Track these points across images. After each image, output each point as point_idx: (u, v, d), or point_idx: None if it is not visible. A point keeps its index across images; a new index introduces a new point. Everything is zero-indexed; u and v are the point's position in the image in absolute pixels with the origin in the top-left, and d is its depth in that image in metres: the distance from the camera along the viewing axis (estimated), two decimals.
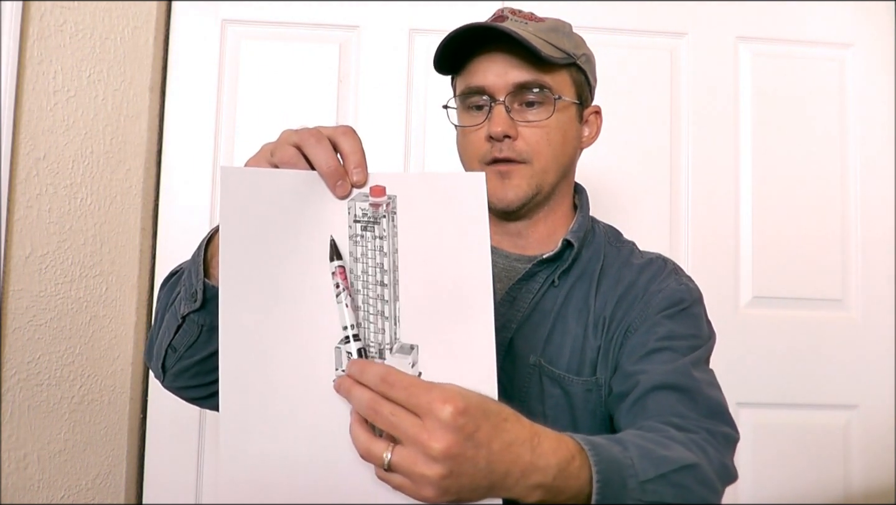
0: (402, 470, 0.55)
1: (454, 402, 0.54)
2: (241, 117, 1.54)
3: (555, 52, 0.85)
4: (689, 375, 0.79)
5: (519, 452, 0.57)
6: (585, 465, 0.60)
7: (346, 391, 0.59)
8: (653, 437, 0.69)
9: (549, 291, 0.89)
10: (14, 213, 1.30)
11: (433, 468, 0.54)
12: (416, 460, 0.54)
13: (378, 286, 0.66)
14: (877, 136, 1.64)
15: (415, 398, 0.55)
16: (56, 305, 1.36)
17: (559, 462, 0.58)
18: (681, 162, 1.61)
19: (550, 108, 0.86)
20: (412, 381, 0.56)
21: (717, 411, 0.78)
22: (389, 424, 0.55)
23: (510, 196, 0.86)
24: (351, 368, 0.60)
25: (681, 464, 0.67)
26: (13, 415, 1.31)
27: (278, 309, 0.65)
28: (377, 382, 0.57)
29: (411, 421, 0.55)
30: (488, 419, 0.56)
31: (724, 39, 1.63)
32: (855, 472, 1.58)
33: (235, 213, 0.65)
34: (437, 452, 0.53)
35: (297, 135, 0.66)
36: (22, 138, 1.31)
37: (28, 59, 1.32)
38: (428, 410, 0.54)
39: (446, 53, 0.87)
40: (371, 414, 0.57)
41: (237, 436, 0.65)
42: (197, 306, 0.74)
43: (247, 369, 0.65)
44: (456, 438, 0.53)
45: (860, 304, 1.61)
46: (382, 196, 0.66)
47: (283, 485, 0.65)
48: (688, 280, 0.91)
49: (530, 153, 0.86)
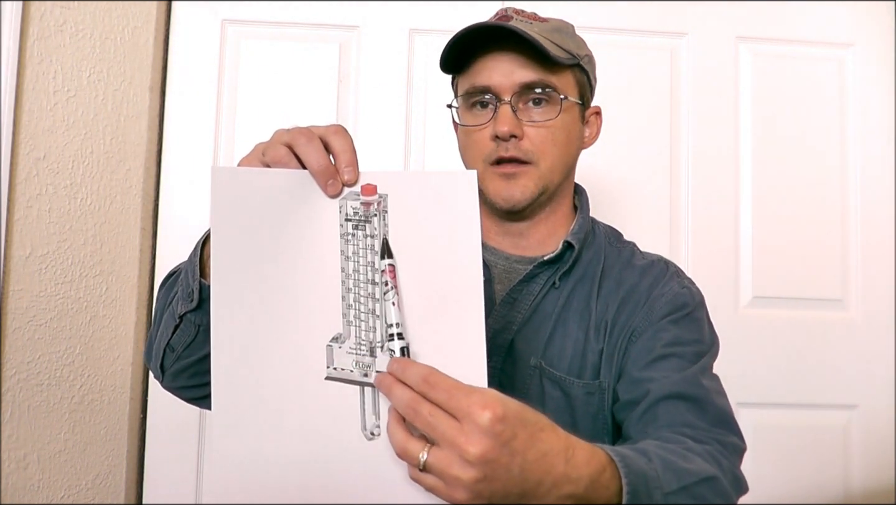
0: (437, 471, 0.55)
1: (493, 408, 0.54)
2: (241, 117, 1.54)
3: (560, 52, 0.85)
4: (699, 383, 0.80)
5: (553, 462, 0.57)
6: (615, 476, 0.61)
7: (387, 388, 0.59)
8: (674, 448, 0.70)
9: (550, 293, 0.89)
10: (14, 213, 1.30)
11: (468, 471, 0.54)
12: (452, 463, 0.54)
13: (369, 284, 0.66)
14: (877, 136, 1.64)
15: (455, 401, 0.55)
16: (56, 305, 1.36)
17: (591, 474, 0.59)
18: (681, 162, 1.61)
19: (556, 108, 0.86)
20: (454, 383, 0.56)
21: (726, 420, 0.78)
22: (427, 424, 0.55)
23: (517, 196, 0.86)
24: (392, 366, 0.60)
25: (701, 476, 0.68)
26: (13, 415, 1.31)
27: (270, 307, 0.66)
28: (419, 381, 0.57)
29: (449, 423, 0.55)
30: (525, 428, 0.56)
31: (724, 39, 1.63)
32: (855, 472, 1.58)
33: (226, 212, 0.65)
34: (472, 456, 0.53)
35: (289, 134, 0.66)
36: (22, 138, 1.31)
37: (28, 59, 1.32)
38: (467, 414, 0.54)
39: (453, 53, 0.87)
40: (410, 413, 0.57)
41: (228, 434, 0.65)
42: (193, 306, 0.75)
43: (238, 368, 0.65)
44: (492, 444, 0.53)
45: (860, 304, 1.61)
46: (373, 195, 0.66)
47: (274, 483, 0.65)
48: (689, 283, 0.91)
49: (536, 153, 0.86)
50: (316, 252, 0.66)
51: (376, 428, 0.65)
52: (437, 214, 0.66)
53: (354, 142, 0.69)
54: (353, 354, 0.66)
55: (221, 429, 0.65)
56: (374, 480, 0.64)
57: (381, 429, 0.64)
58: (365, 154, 1.80)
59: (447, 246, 0.66)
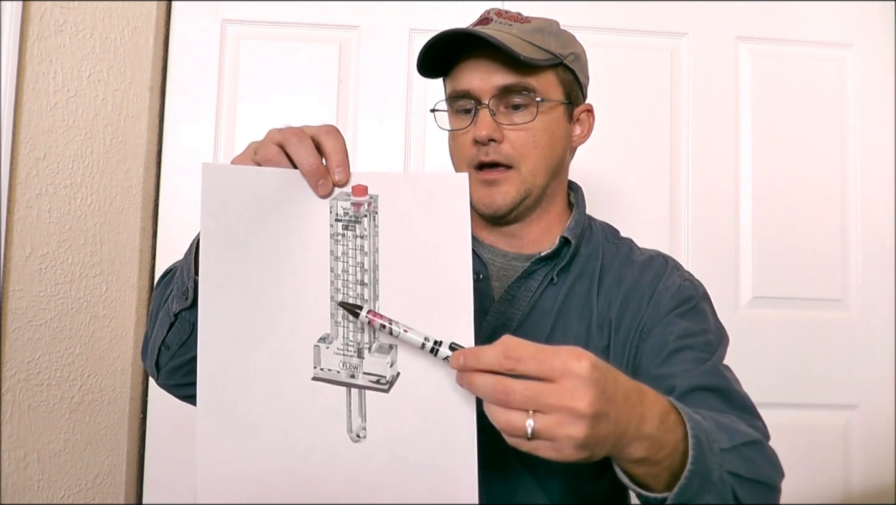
0: (546, 435, 0.54)
1: (587, 356, 0.54)
2: (241, 117, 1.54)
3: (538, 53, 0.85)
4: (720, 374, 0.80)
5: (633, 402, 0.57)
6: (679, 422, 0.61)
7: (469, 384, 0.58)
8: (716, 414, 0.70)
9: (549, 290, 0.89)
10: (14, 213, 1.30)
11: (580, 428, 0.53)
12: (562, 423, 0.53)
13: (358, 285, 0.66)
14: (877, 136, 1.64)
15: (547, 364, 0.54)
16: (56, 305, 1.36)
17: (660, 413, 0.59)
18: (681, 162, 1.61)
19: (534, 111, 0.86)
20: (535, 348, 0.55)
21: (750, 407, 0.79)
22: (526, 399, 0.54)
23: (498, 202, 0.86)
24: (462, 361, 0.58)
25: (751, 438, 0.69)
26: (13, 415, 1.31)
27: (257, 307, 0.65)
28: (501, 360, 0.55)
29: (548, 388, 0.54)
30: (610, 372, 0.56)
31: (724, 39, 1.63)
32: (855, 472, 1.58)
33: (216, 210, 0.65)
34: (584, 410, 0.53)
35: (281, 134, 0.66)
36: (22, 138, 1.31)
37: (28, 59, 1.32)
38: (564, 371, 0.53)
39: (429, 58, 0.87)
40: (502, 397, 0.55)
41: (214, 434, 0.65)
42: (188, 304, 0.75)
43: (225, 366, 0.65)
44: (596, 393, 0.53)
45: (860, 304, 1.61)
46: (364, 195, 0.66)
47: (259, 484, 0.65)
48: (690, 276, 0.92)
49: (516, 157, 0.86)
50: (305, 251, 0.66)
51: (362, 430, 0.65)
52: (428, 216, 0.66)
53: (350, 142, 0.69)
54: (341, 355, 0.66)
55: (207, 427, 0.65)
56: (359, 481, 0.64)
57: (367, 431, 0.64)
58: (365, 154, 1.80)
59: (437, 247, 0.66)
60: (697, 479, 0.60)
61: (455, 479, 0.64)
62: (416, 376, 0.65)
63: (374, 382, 0.65)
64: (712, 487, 0.62)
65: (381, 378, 0.65)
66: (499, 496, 0.84)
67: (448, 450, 0.64)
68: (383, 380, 0.65)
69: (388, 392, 0.65)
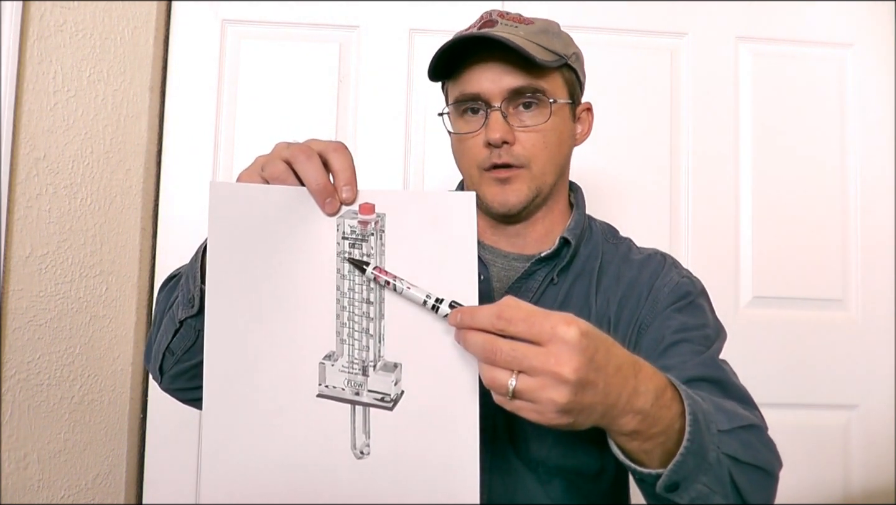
0: (529, 396, 0.54)
1: (577, 323, 0.54)
2: (241, 117, 1.54)
3: (547, 55, 0.85)
4: (718, 366, 0.81)
5: (626, 374, 0.57)
6: (676, 399, 0.61)
7: (464, 341, 0.59)
8: (714, 398, 0.70)
9: (549, 290, 0.89)
10: (14, 213, 1.30)
11: (562, 392, 0.53)
12: (545, 386, 0.54)
13: (364, 304, 0.66)
14: (877, 136, 1.64)
15: (537, 326, 0.54)
16: (56, 305, 1.36)
17: (656, 389, 0.59)
18: (681, 162, 1.61)
19: (547, 112, 0.86)
20: (529, 309, 0.56)
21: (747, 399, 0.79)
22: (511, 358, 0.55)
23: (512, 200, 0.87)
24: (458, 318, 0.59)
25: (749, 422, 0.69)
26: (13, 415, 1.31)
27: (264, 323, 0.65)
28: (493, 321, 0.56)
29: (534, 350, 0.54)
30: (603, 342, 0.56)
31: (724, 39, 1.63)
32: (855, 472, 1.58)
33: (223, 227, 0.65)
34: (567, 376, 0.53)
35: (288, 150, 0.66)
36: (22, 138, 1.31)
37: (28, 59, 1.32)
38: (552, 335, 0.54)
39: (440, 63, 0.87)
40: (489, 355, 0.56)
41: (218, 450, 0.65)
42: (194, 312, 0.75)
43: (230, 382, 0.65)
44: (582, 360, 0.53)
45: (860, 304, 1.61)
46: (371, 214, 0.66)
47: (262, 498, 0.65)
48: (688, 273, 0.93)
49: (528, 157, 0.86)
50: (312, 269, 0.66)
51: (366, 447, 0.65)
52: (434, 235, 0.66)
53: (351, 143, 0.69)
54: (346, 373, 0.66)
55: (212, 441, 0.65)
56: (362, 498, 0.64)
57: (371, 448, 0.65)
58: (364, 155, 1.81)
59: (443, 267, 0.66)
60: (693, 457, 0.60)
61: (457, 481, 0.65)
62: (420, 395, 0.65)
63: (379, 399, 0.66)
64: (708, 468, 0.62)
65: (386, 396, 0.66)
66: (500, 496, 0.84)
67: (451, 468, 0.65)
68: (388, 398, 0.66)
69: (392, 410, 0.65)
